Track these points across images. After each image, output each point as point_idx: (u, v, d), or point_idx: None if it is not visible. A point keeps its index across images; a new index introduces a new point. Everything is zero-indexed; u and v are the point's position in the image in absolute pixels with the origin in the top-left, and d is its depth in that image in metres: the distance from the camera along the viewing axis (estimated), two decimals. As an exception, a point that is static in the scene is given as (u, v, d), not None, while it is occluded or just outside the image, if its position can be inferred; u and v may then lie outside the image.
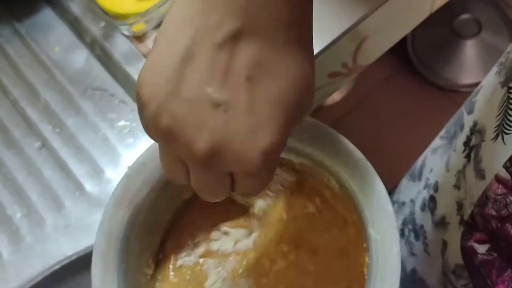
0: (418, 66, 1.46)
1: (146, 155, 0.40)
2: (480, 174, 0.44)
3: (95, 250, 0.38)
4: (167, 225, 0.43)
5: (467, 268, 0.47)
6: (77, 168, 0.58)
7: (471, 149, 0.47)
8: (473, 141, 0.47)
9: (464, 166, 0.48)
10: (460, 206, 0.51)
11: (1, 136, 0.60)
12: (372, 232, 0.36)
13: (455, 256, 0.49)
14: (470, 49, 1.46)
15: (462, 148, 0.50)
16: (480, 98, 0.50)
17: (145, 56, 0.62)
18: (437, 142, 0.62)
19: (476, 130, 0.47)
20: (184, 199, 0.44)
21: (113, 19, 0.61)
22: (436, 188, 0.57)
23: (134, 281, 0.39)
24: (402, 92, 1.45)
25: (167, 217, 0.43)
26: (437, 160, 0.59)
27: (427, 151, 0.65)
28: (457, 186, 0.51)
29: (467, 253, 0.45)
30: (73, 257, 0.54)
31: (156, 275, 0.41)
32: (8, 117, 0.61)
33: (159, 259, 0.42)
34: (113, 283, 0.37)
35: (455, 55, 1.45)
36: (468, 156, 0.48)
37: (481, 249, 0.44)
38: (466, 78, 1.44)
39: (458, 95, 1.41)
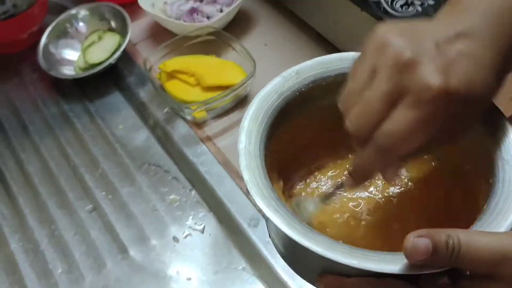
0: None
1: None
2: None
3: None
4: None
5: None
6: (124, 233, 0.59)
7: None
8: None
9: None
10: None
11: (56, 197, 0.63)
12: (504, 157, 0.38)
13: None
14: None
15: None
16: None
17: (202, 141, 0.66)
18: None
19: None
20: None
21: (179, 103, 0.66)
22: None
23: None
24: None
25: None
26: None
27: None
28: None
29: None
30: (108, 317, 0.53)
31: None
32: (65, 181, 0.64)
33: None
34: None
35: None
36: None
37: None
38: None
39: None
